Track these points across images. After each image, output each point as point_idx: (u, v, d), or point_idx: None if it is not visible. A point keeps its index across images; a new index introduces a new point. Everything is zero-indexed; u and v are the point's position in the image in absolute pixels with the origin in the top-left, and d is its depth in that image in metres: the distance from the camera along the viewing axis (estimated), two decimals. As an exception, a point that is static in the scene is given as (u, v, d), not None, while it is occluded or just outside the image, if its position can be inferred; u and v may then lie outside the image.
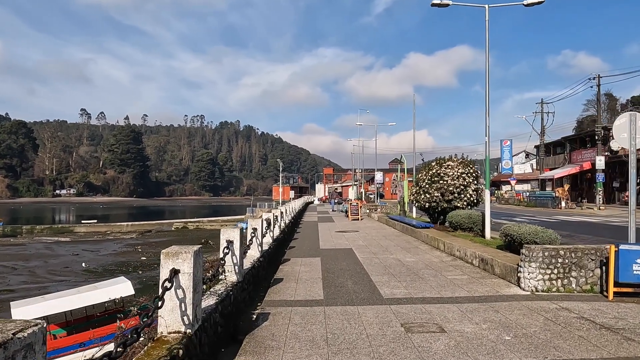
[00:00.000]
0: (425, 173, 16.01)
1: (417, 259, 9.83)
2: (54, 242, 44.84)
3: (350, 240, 13.95)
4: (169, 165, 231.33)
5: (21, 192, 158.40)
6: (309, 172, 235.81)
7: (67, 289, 23.45)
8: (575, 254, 6.51)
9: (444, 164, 15.78)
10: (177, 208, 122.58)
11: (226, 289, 5.49)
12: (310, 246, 12.66)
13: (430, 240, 12.33)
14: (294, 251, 11.69)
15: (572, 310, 5.50)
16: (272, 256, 10.04)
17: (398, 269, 8.63)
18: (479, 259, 8.63)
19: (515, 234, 9.05)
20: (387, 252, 11.07)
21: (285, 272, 8.51)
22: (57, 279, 27.99)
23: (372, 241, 13.73)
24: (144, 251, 37.77)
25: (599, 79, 34.00)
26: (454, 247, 10.19)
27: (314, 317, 5.43)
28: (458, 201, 15.18)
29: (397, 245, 12.64)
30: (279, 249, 11.63)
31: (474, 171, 15.77)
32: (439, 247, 11.42)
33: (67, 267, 31.38)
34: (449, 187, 15.18)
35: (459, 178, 15.32)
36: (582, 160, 40.38)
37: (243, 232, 6.20)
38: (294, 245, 13.05)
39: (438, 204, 15.28)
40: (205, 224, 55.39)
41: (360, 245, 12.57)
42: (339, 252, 11.18)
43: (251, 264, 7.35)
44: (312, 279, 7.83)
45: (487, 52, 11.56)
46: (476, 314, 5.40)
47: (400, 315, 5.40)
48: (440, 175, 15.47)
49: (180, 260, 3.77)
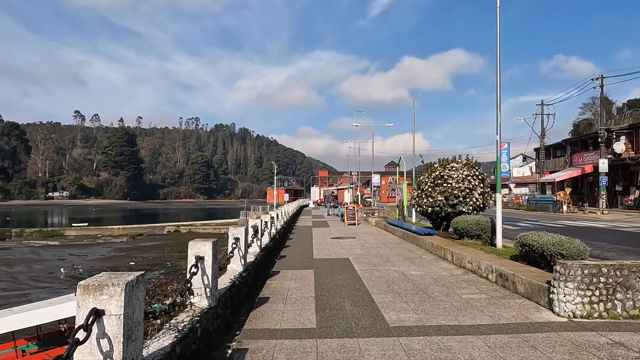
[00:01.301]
0: (427, 175, 14.87)
1: (423, 272, 8.67)
2: (42, 246, 43.50)
3: (347, 249, 12.78)
4: (164, 168, 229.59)
5: (13, 195, 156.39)
6: (304, 175, 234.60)
7: (49, 296, 22.23)
8: (620, 272, 5.38)
9: (448, 165, 14.66)
10: (171, 211, 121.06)
11: (192, 320, 4.31)
12: (303, 255, 11.48)
13: (436, 249, 11.18)
14: (285, 262, 10.50)
15: (630, 347, 4.35)
16: (259, 268, 8.86)
17: (403, 285, 7.46)
18: (496, 274, 7.49)
19: (534, 244, 7.92)
20: (389, 263, 9.90)
21: (272, 289, 7.33)
22: (39, 286, 26.69)
23: (370, 250, 12.56)
24: (133, 256, 36.56)
25: (602, 80, 33.08)
26: (464, 258, 9.05)
27: (303, 355, 4.27)
28: (463, 206, 14.06)
29: (399, 254, 11.48)
30: (268, 259, 10.45)
31: (479, 173, 14.67)
32: (445, 258, 10.27)
33: (51, 272, 30.07)
34: (453, 191, 14.06)
35: (464, 181, 14.21)
36: (584, 163, 39.44)
37: (217, 246, 5.02)
38: (285, 254, 11.86)
39: (442, 208, 14.15)
40: (198, 227, 54.25)
41: (358, 255, 11.39)
42: (335, 263, 10.00)
43: (230, 282, 6.17)
44: (303, 298, 6.65)
45: (498, 38, 10.45)
46: (509, 352, 4.24)
47: (414, 354, 4.24)
48: (444, 178, 14.35)
49: (105, 297, 2.59)
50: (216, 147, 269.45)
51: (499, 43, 10.39)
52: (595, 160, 36.38)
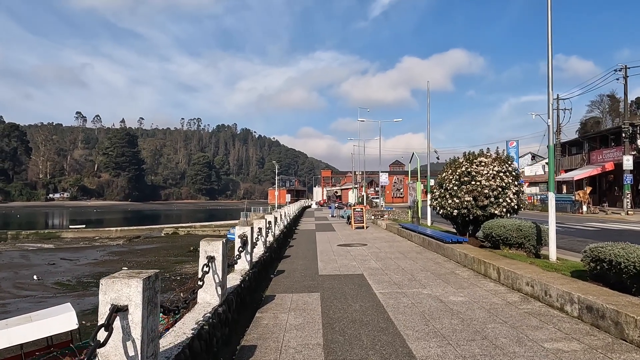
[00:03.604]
0: (452, 172, 12.68)
1: (467, 298, 6.47)
2: (35, 250, 41.75)
3: (359, 260, 10.58)
4: (165, 169, 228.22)
5: (13, 196, 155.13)
6: (306, 176, 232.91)
7: (30, 306, 20.21)
8: None
9: (475, 160, 12.47)
10: (172, 212, 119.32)
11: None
12: (306, 270, 9.29)
13: (472, 263, 8.98)
14: (283, 280, 8.32)
15: None
16: (248, 293, 6.69)
17: (447, 322, 5.28)
18: (581, 306, 5.29)
19: (620, 260, 5.76)
20: (416, 283, 7.72)
21: (262, 330, 5.16)
22: (22, 294, 24.72)
23: (388, 261, 10.36)
24: (127, 260, 34.65)
25: (626, 70, 30.75)
26: (519, 278, 6.85)
27: None
28: (495, 207, 11.87)
29: (425, 268, 9.27)
30: (261, 277, 8.29)
31: (513, 169, 12.48)
32: (488, 275, 8.07)
33: (38, 278, 28.15)
34: (483, 190, 11.88)
35: (496, 178, 12.03)
36: (604, 161, 37.11)
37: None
38: (284, 267, 9.67)
39: (469, 210, 11.96)
40: (197, 229, 52.57)
41: (375, 269, 9.19)
42: (347, 282, 7.82)
43: (197, 325, 4.00)
44: (306, 347, 4.49)
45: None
46: None
47: None
48: (471, 175, 12.16)
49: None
50: (218, 148, 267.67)
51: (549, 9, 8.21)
52: (616, 157, 34.08)
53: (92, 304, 19.91)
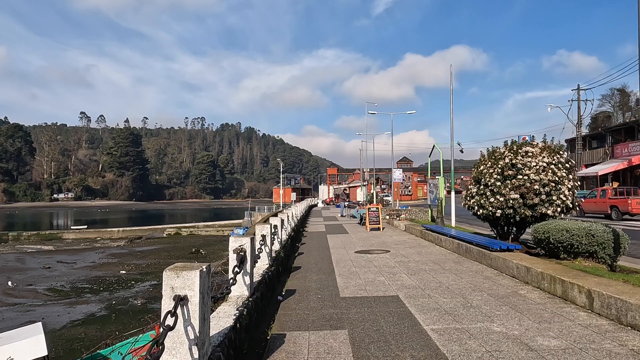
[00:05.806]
0: (492, 164, 10.64)
1: (562, 341, 4.44)
2: (33, 252, 40.16)
3: (387, 274, 8.54)
4: (169, 168, 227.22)
5: (18, 197, 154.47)
6: (311, 174, 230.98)
7: (16, 316, 18.38)
8: None
9: (521, 150, 10.43)
10: (177, 211, 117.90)
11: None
12: (323, 290, 7.25)
13: (538, 280, 6.91)
14: (294, 306, 6.30)
15: None
16: (246, 333, 4.68)
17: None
18: None
19: None
20: (475, 311, 5.67)
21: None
22: (10, 302, 22.92)
23: (423, 275, 8.32)
24: (125, 263, 32.91)
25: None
26: (627, 307, 4.83)
27: None
28: (547, 206, 9.84)
29: (475, 286, 7.20)
30: (265, 302, 6.29)
31: (566, 160, 10.43)
32: (567, 297, 6.02)
33: (29, 284, 26.34)
34: (532, 185, 9.85)
35: (546, 171, 10.00)
36: (630, 154, 34.83)
37: None
38: (295, 286, 7.63)
39: (516, 210, 9.93)
40: (200, 229, 50.98)
41: (411, 288, 7.14)
42: (380, 311, 5.79)
43: None
44: None
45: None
46: None
47: None
48: (517, 167, 10.13)
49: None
50: (222, 147, 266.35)
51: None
52: (646, 150, 31.84)
53: (83, 313, 18.09)
